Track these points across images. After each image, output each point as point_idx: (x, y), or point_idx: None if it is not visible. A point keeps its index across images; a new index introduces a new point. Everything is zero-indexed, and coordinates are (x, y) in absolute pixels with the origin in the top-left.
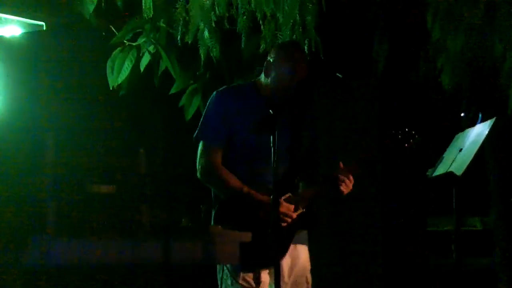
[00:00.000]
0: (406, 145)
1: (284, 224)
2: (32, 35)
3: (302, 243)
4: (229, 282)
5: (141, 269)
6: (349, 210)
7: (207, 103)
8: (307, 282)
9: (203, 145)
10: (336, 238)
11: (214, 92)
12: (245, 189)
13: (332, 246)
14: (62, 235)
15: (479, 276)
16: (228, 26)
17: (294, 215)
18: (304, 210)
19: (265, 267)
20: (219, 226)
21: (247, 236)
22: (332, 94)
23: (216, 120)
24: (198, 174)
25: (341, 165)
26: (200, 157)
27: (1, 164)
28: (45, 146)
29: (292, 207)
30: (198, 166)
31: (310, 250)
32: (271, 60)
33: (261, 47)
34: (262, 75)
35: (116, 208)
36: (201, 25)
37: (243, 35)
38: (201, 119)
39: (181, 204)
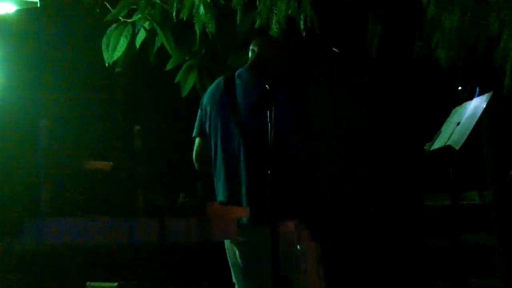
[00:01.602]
0: None
1: None
2: (26, 12)
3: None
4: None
5: (138, 249)
6: (343, 187)
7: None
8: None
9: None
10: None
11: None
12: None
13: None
14: (57, 215)
15: (477, 252)
16: (223, 2)
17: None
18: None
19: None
20: (216, 203)
21: (244, 211)
22: (328, 71)
23: (199, 115)
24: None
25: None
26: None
27: None
28: (40, 123)
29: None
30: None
31: None
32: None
33: (257, 22)
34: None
35: (112, 185)
36: (196, 0)
37: (238, 10)
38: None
39: (178, 180)
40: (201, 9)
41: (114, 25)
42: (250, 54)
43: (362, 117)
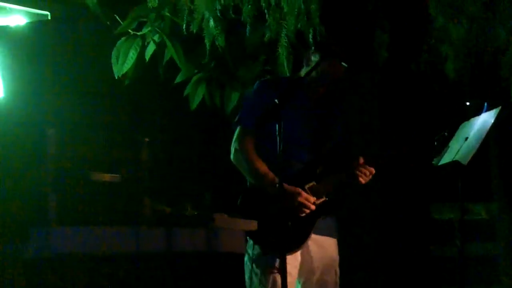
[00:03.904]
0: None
1: (303, 214)
2: (37, 24)
3: (331, 235)
4: (257, 271)
5: (145, 259)
6: (348, 198)
7: (251, 90)
8: (336, 274)
9: (239, 129)
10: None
11: (258, 81)
12: (271, 176)
13: None
14: (65, 224)
15: (483, 265)
16: (233, 15)
17: (313, 206)
18: (326, 198)
19: (284, 253)
20: (224, 214)
21: (253, 225)
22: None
23: (254, 106)
24: (231, 157)
25: (361, 160)
26: (235, 140)
27: (4, 157)
28: (48, 137)
29: (312, 197)
30: (232, 149)
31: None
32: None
33: (266, 36)
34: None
35: (120, 197)
36: (206, 14)
37: (248, 24)
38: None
39: (186, 192)
40: (211, 22)
41: (123, 38)
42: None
43: (369, 127)
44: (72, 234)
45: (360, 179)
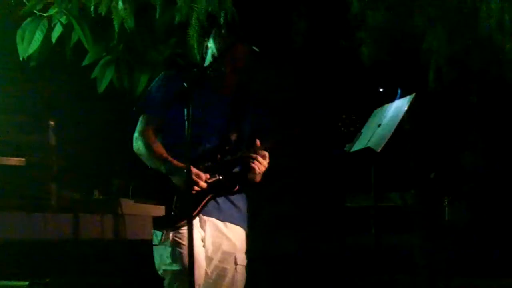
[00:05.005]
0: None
1: (193, 191)
2: None
3: (236, 223)
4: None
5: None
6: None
7: (154, 81)
8: (236, 263)
9: (141, 118)
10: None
11: (162, 72)
12: (165, 155)
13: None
14: None
15: (398, 254)
16: None
17: (203, 184)
18: (220, 177)
19: (172, 225)
20: (131, 200)
21: (159, 210)
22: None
23: (157, 95)
24: (133, 145)
25: (258, 142)
26: (136, 129)
27: None
28: None
29: (203, 175)
30: (133, 137)
31: None
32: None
33: (176, 18)
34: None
35: (26, 181)
36: None
37: (157, 6)
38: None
39: (93, 177)
40: (120, 4)
41: (29, 19)
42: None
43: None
44: None
45: (253, 165)
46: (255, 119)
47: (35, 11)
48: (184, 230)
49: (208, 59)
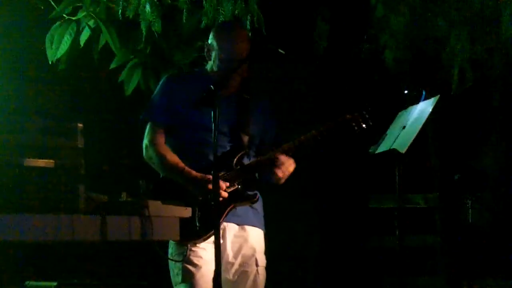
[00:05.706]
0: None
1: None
2: None
3: (253, 225)
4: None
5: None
6: (284, 189)
7: (157, 87)
8: (257, 264)
9: (149, 126)
10: (270, 218)
11: (165, 76)
12: (180, 165)
13: (267, 226)
14: None
15: (421, 254)
16: (169, 1)
17: (224, 193)
18: (239, 187)
19: (193, 239)
20: (159, 201)
21: (187, 212)
22: (273, 72)
23: (162, 101)
24: (143, 154)
25: (285, 147)
26: (145, 137)
27: None
28: None
29: (223, 183)
30: (143, 145)
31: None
32: (209, 41)
33: (203, 22)
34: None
35: (54, 183)
36: None
37: (184, 10)
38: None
39: (121, 178)
40: (147, 8)
41: (58, 23)
42: None
43: (306, 116)
44: (5, 221)
45: (277, 170)
46: (261, 117)
47: (64, 15)
48: (201, 246)
49: (214, 59)
